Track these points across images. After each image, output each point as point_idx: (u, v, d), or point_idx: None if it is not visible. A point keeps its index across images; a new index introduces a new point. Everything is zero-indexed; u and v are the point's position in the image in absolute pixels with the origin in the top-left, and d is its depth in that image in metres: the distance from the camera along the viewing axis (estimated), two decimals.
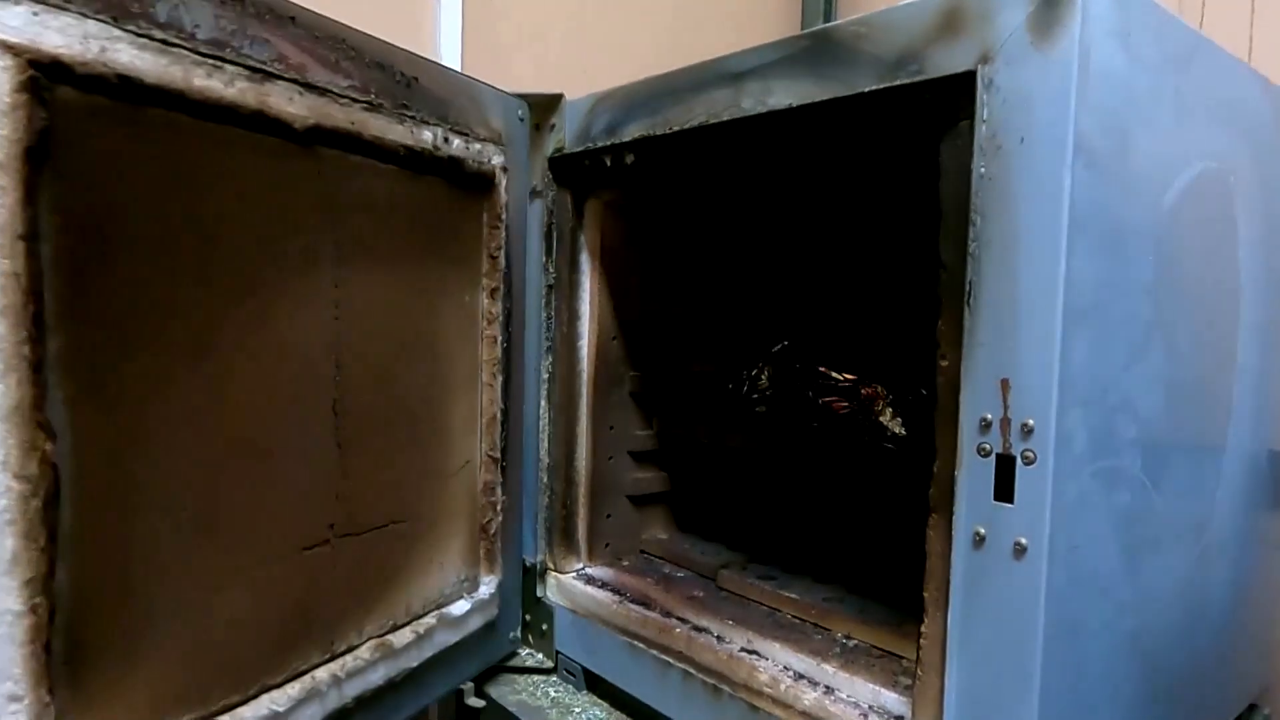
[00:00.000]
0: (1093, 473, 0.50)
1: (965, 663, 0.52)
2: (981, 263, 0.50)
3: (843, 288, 1.07)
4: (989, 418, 0.49)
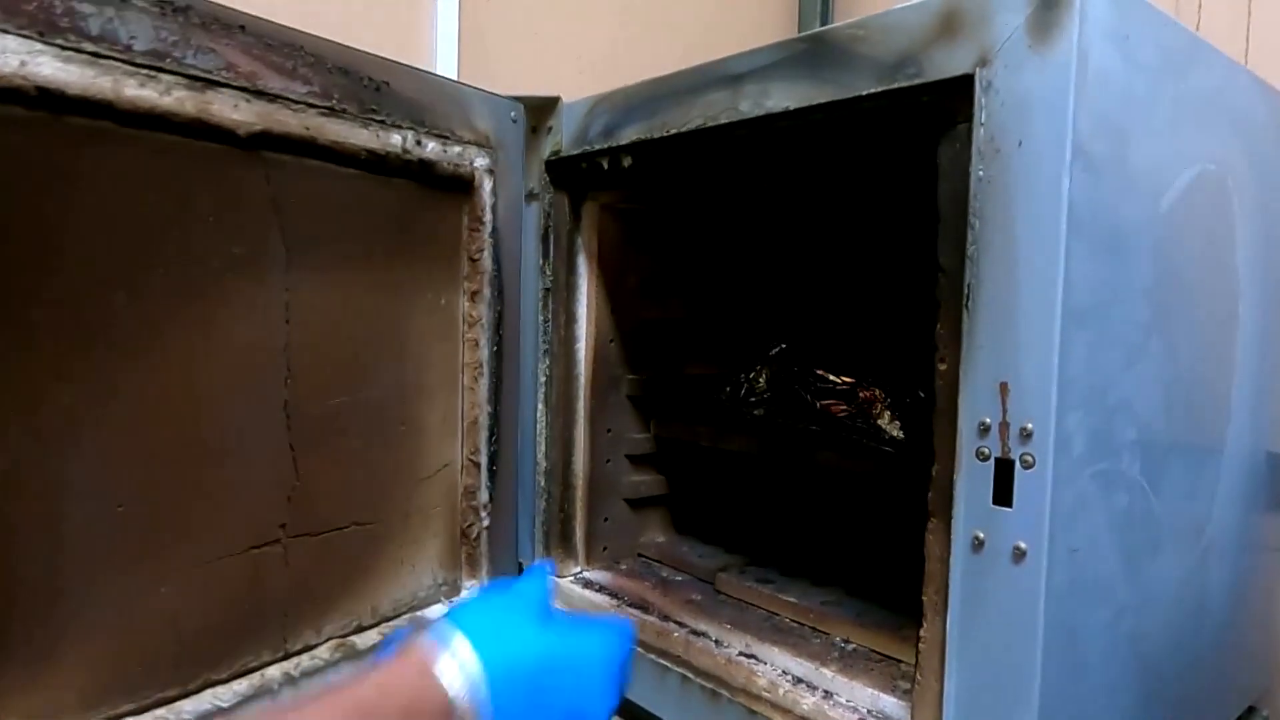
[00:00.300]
0: (1092, 476, 0.50)
1: (964, 666, 0.52)
2: (980, 266, 0.50)
3: (841, 290, 1.07)
4: (988, 421, 0.49)
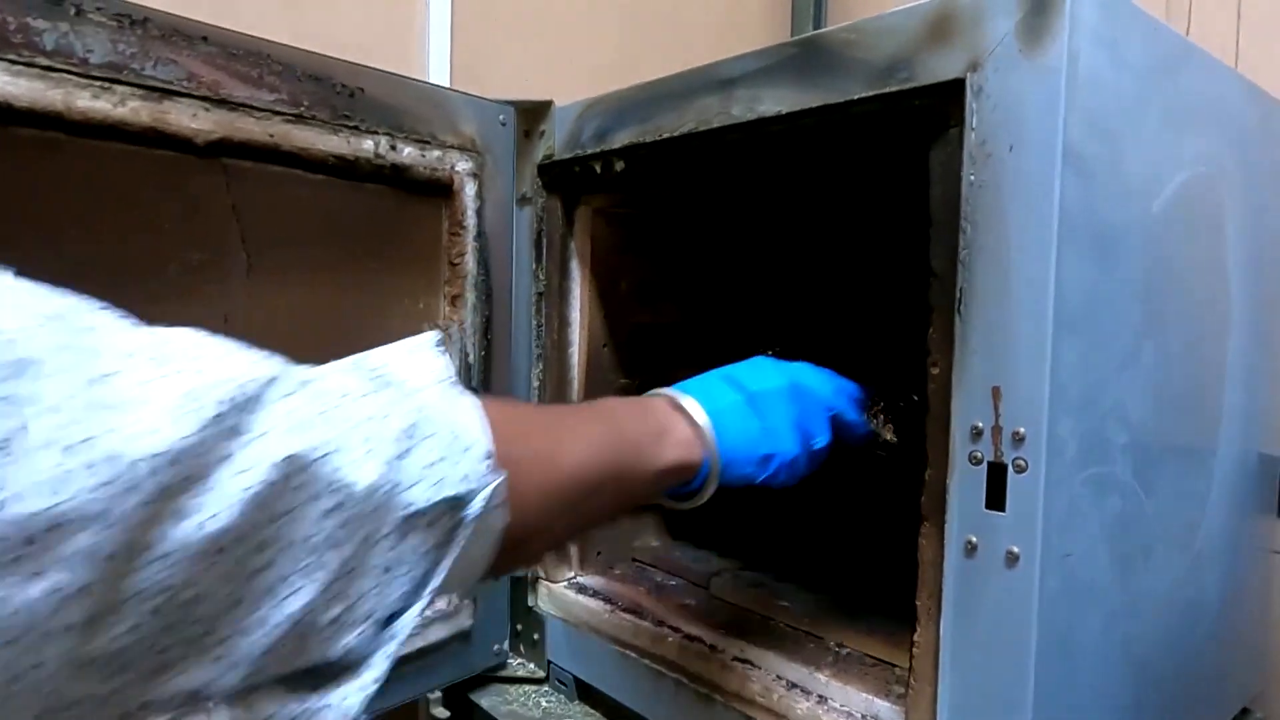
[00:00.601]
0: (1084, 480, 0.50)
1: (958, 671, 0.52)
2: (972, 270, 0.50)
3: (834, 294, 1.07)
4: (980, 425, 0.49)
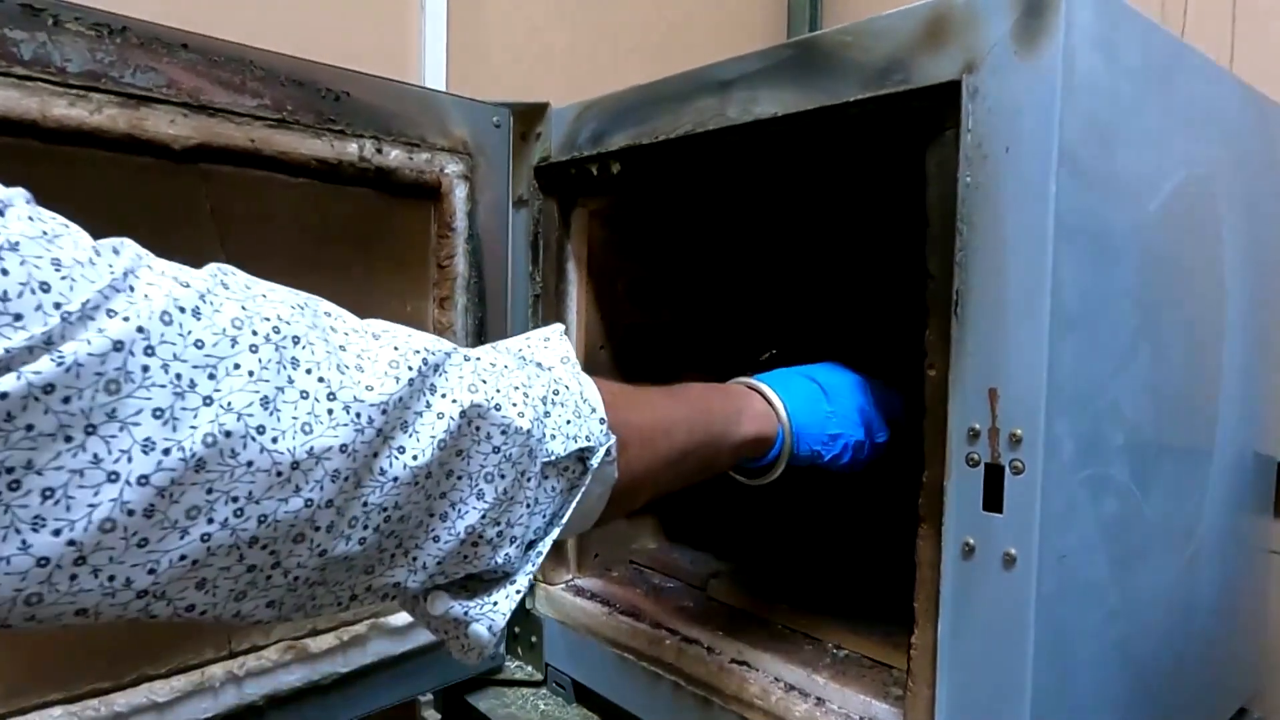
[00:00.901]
0: (1081, 481, 0.50)
1: (956, 673, 0.52)
2: (968, 272, 0.50)
3: (829, 295, 1.07)
4: (977, 427, 0.49)
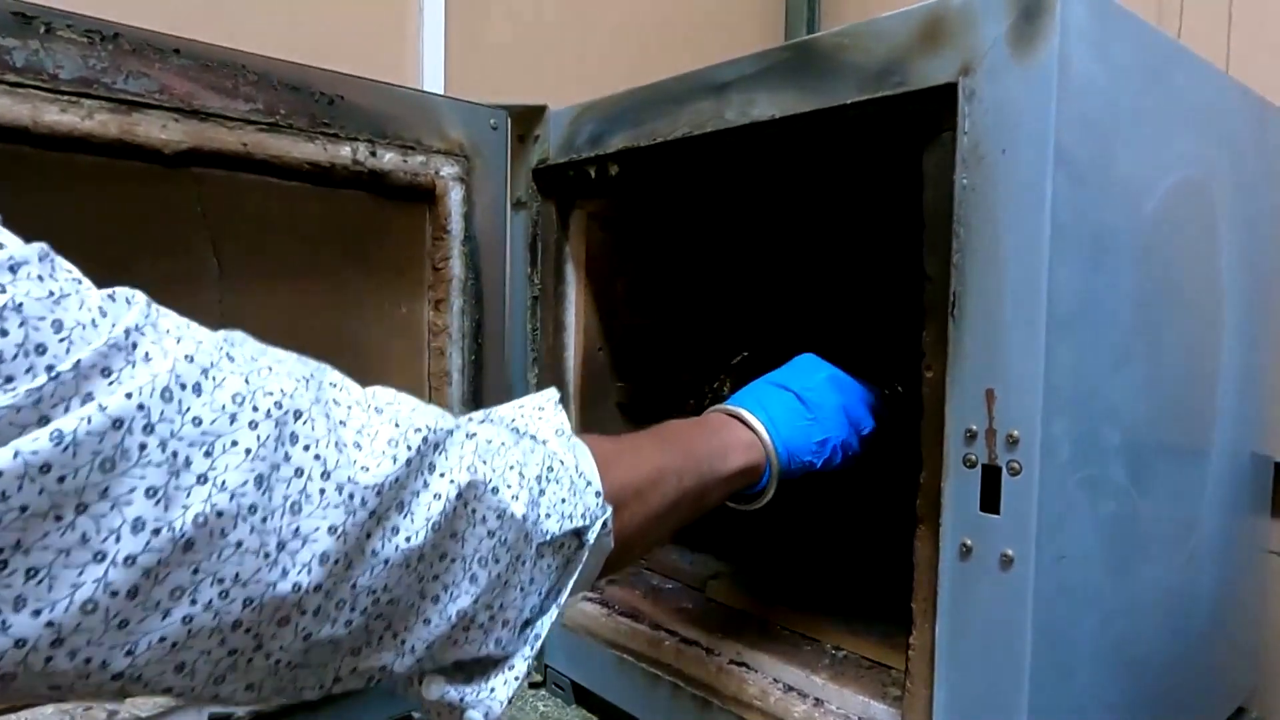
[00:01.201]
0: (1078, 482, 0.50)
1: (954, 673, 0.52)
2: (965, 273, 0.50)
3: (828, 296, 1.07)
4: (974, 428, 0.49)
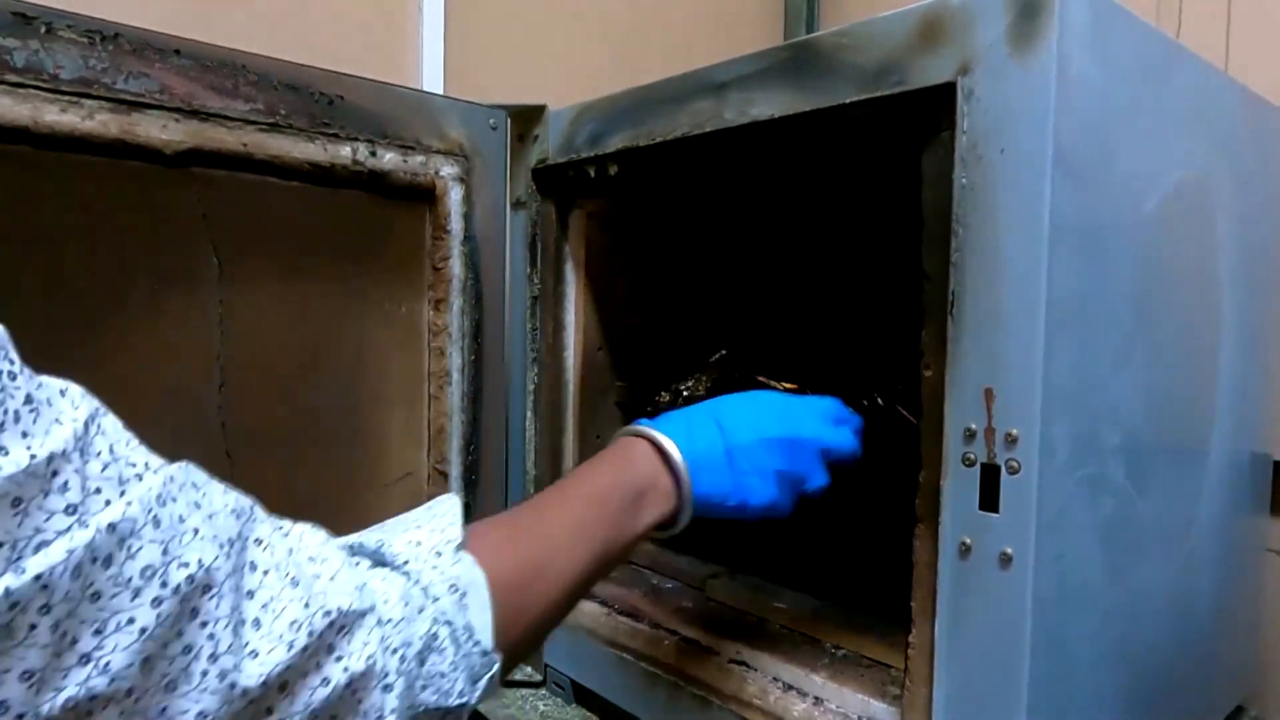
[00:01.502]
0: (1077, 481, 0.51)
1: (953, 672, 0.52)
2: (964, 273, 0.50)
3: (826, 296, 1.07)
4: (973, 427, 0.50)
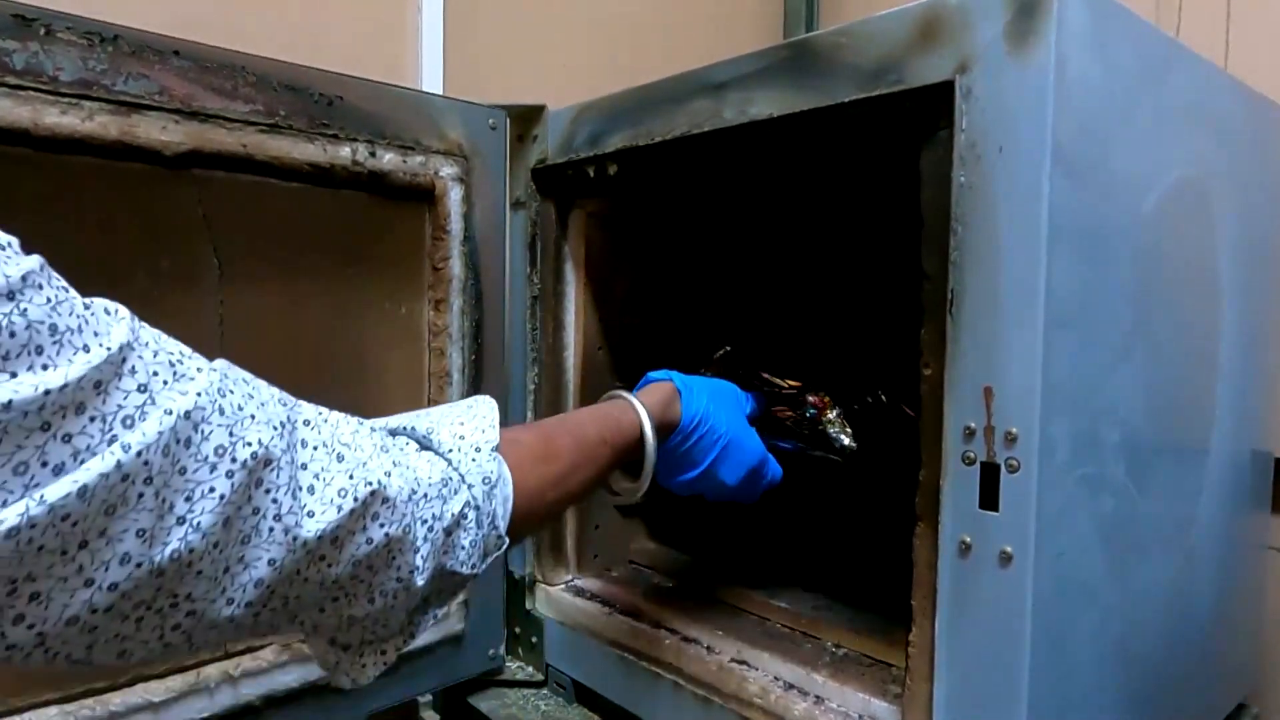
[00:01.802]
0: (1077, 479, 0.51)
1: (954, 670, 0.52)
2: (963, 271, 0.50)
3: (825, 295, 1.07)
4: (973, 426, 0.50)
